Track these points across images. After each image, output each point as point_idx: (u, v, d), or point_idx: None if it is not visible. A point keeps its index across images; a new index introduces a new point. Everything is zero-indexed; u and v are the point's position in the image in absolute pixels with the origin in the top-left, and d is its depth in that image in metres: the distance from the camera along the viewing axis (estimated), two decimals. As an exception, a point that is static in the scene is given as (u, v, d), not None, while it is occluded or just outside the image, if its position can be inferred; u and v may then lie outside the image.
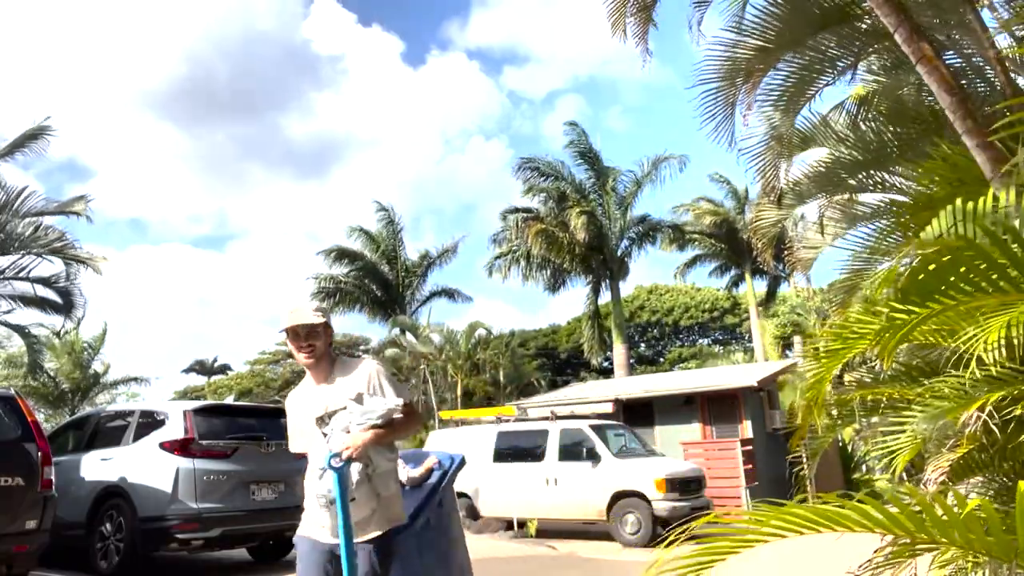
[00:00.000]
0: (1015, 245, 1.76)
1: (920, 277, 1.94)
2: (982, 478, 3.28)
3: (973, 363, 2.15)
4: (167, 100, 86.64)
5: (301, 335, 3.09)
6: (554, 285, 25.67)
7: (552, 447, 12.65)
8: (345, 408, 3.02)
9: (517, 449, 13.23)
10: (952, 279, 1.79)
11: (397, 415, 3.03)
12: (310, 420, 3.10)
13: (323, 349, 3.13)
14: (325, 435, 3.02)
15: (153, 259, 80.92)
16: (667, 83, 78.58)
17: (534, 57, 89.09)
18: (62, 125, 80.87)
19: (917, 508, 1.66)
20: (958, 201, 2.43)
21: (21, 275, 16.02)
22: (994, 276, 1.76)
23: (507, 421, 14.08)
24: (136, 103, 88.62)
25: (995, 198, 2.51)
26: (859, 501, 1.69)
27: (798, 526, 1.72)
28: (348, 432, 2.96)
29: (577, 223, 22.99)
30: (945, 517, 1.64)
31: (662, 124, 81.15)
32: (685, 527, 1.78)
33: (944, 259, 1.86)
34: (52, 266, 16.72)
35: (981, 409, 2.61)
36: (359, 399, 3.03)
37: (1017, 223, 2.05)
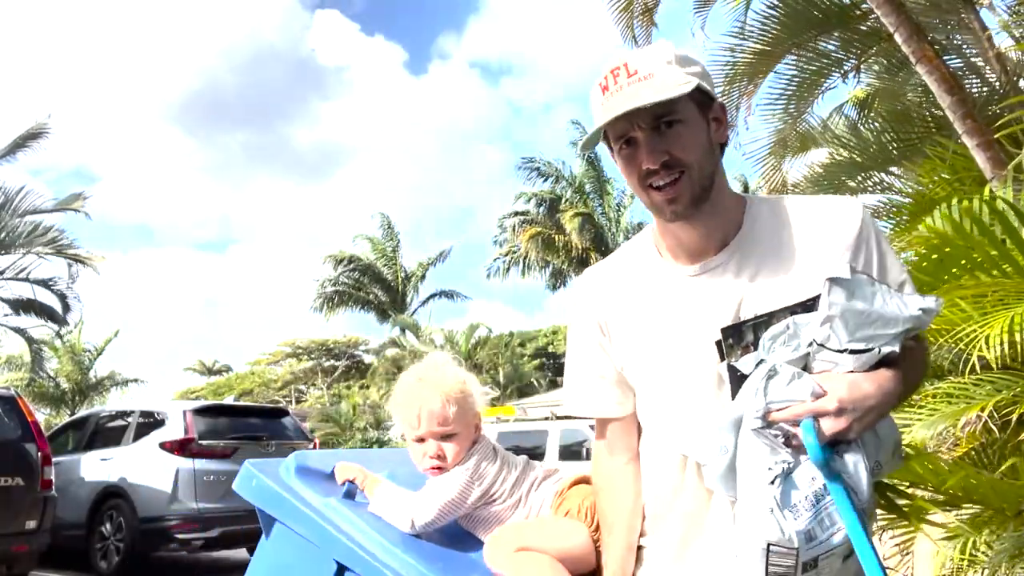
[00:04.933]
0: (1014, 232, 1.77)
1: (923, 265, 1.95)
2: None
3: (974, 362, 2.15)
4: (175, 110, 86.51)
5: (646, 134, 1.26)
6: (555, 285, 25.73)
7: (552, 447, 12.65)
8: (797, 313, 1.24)
9: (517, 449, 13.06)
10: (954, 270, 1.79)
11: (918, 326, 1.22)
12: (693, 342, 1.31)
13: (708, 170, 1.29)
14: (736, 377, 1.25)
15: (157, 262, 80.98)
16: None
17: (530, 67, 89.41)
18: (71, 133, 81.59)
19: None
20: (954, 200, 2.44)
21: (20, 276, 16.02)
22: (995, 255, 1.76)
23: (507, 421, 14.08)
24: (141, 111, 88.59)
25: (991, 194, 2.52)
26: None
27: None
28: (809, 370, 1.22)
29: (571, 226, 23.09)
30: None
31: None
32: None
33: (945, 249, 1.86)
34: (51, 268, 16.75)
35: (981, 410, 2.61)
36: (844, 287, 1.19)
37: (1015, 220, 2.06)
